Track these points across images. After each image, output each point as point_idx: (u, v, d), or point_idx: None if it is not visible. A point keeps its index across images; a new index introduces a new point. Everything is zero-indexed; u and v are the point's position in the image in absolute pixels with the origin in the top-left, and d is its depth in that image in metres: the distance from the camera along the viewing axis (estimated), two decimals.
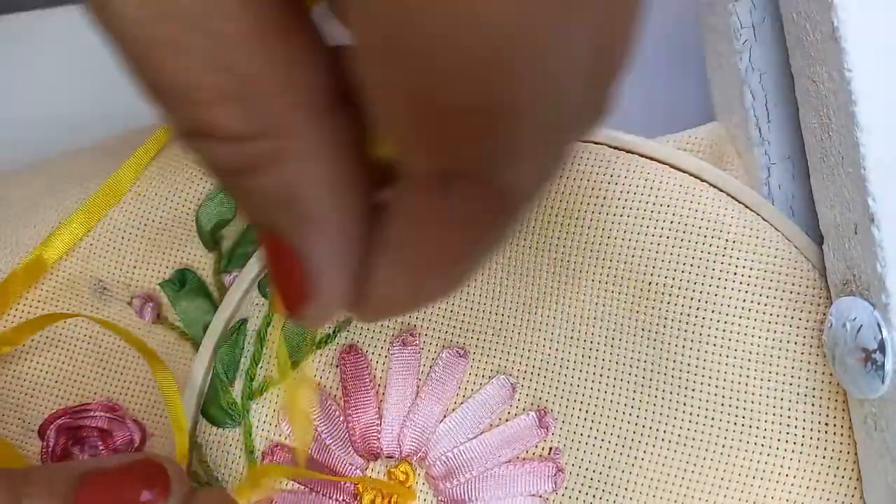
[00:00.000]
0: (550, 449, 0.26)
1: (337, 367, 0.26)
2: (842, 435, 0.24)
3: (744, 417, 0.24)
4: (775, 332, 0.24)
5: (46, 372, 0.28)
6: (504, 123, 0.14)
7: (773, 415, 0.24)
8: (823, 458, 0.24)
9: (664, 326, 0.25)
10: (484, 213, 0.16)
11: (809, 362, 0.24)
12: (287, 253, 0.17)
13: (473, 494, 0.25)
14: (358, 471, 0.26)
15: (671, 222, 0.25)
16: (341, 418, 0.26)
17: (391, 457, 0.26)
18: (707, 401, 0.24)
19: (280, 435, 0.26)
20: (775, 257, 0.24)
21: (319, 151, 0.16)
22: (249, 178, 0.16)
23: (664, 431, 0.25)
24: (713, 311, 0.24)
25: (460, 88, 0.13)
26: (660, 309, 0.25)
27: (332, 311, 0.18)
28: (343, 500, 0.26)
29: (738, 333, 0.24)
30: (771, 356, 0.24)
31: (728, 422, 0.24)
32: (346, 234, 0.17)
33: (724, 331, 0.24)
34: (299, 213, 0.16)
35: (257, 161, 0.16)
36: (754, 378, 0.24)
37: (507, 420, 0.26)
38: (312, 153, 0.16)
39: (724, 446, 0.24)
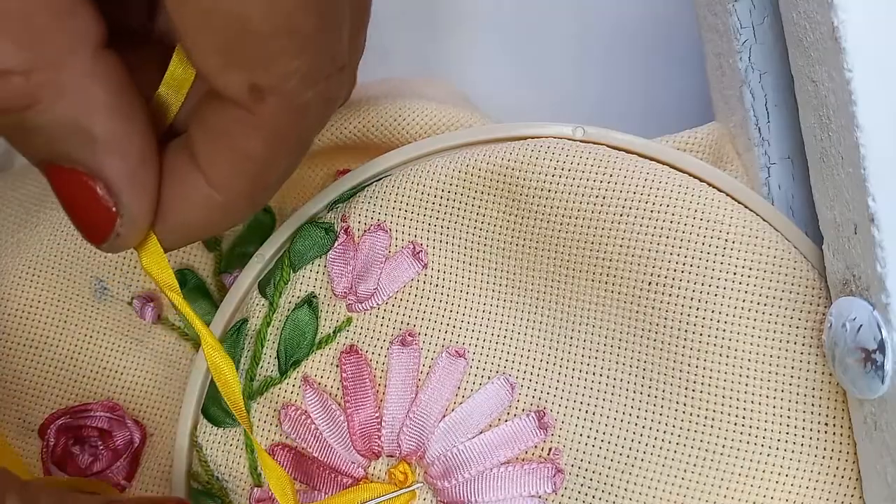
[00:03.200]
0: (550, 449, 0.26)
1: (337, 367, 0.26)
2: (842, 435, 0.24)
3: (743, 418, 0.24)
4: (775, 332, 0.24)
5: (47, 372, 0.28)
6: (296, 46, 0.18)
7: (773, 415, 0.24)
8: (823, 458, 0.24)
9: (664, 326, 0.25)
10: (284, 125, 0.20)
11: (809, 362, 0.24)
12: (82, 182, 0.20)
13: (472, 495, 0.25)
14: (360, 469, 0.26)
15: (671, 222, 0.25)
16: (342, 417, 0.26)
17: (392, 456, 0.26)
18: (707, 401, 0.24)
19: (280, 434, 0.26)
20: (775, 257, 0.24)
21: (97, 82, 0.19)
22: (35, 112, 0.19)
23: (664, 431, 0.25)
24: (713, 312, 0.24)
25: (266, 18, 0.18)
26: (659, 309, 0.25)
27: (139, 231, 0.21)
28: None
29: (738, 333, 0.24)
30: (771, 356, 0.24)
31: (728, 422, 0.24)
32: (136, 152, 0.20)
33: (723, 331, 0.24)
34: (87, 137, 0.19)
35: (39, 93, 0.19)
36: (754, 378, 0.24)
37: (506, 420, 0.26)
38: (91, 83, 0.19)
39: (723, 446, 0.24)
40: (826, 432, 0.24)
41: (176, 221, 0.21)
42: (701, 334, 0.24)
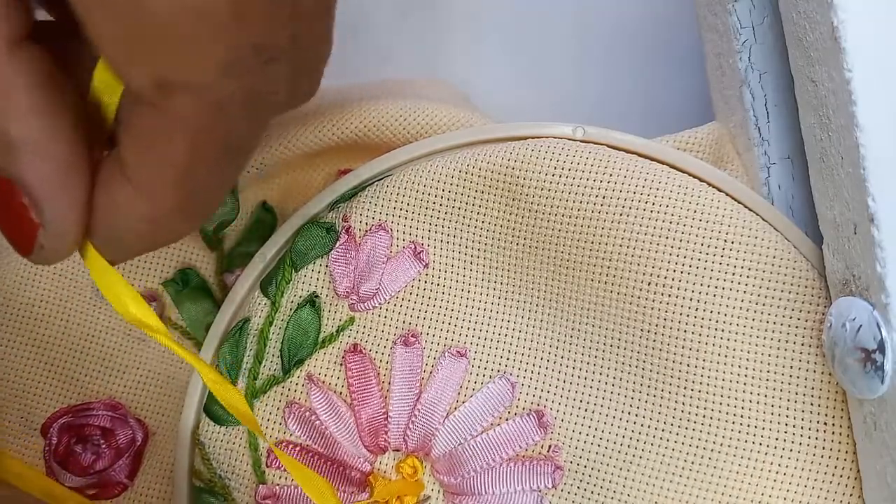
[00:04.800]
0: (550, 447, 0.26)
1: (341, 365, 0.26)
2: (841, 435, 0.24)
3: (742, 417, 0.24)
4: (774, 331, 0.24)
5: (49, 370, 0.28)
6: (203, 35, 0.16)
7: (773, 414, 0.24)
8: (822, 457, 0.24)
9: (663, 326, 0.25)
10: (204, 125, 0.17)
11: (808, 362, 0.24)
12: (4, 188, 0.18)
13: (476, 489, 0.26)
14: (367, 464, 0.26)
15: (670, 222, 0.25)
16: (349, 414, 0.26)
17: (398, 450, 0.26)
18: (706, 400, 0.25)
19: (285, 432, 0.26)
20: (774, 257, 0.24)
21: (16, 78, 0.17)
22: None
23: (662, 430, 0.25)
24: (712, 311, 0.24)
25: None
26: (659, 308, 0.25)
27: (65, 243, 0.19)
28: (351, 492, 0.26)
29: (738, 333, 0.24)
30: (769, 356, 0.24)
31: (727, 421, 0.24)
32: (59, 156, 0.18)
33: (723, 330, 0.24)
34: (4, 139, 0.17)
35: None
36: (753, 377, 0.24)
37: (507, 419, 0.26)
38: (8, 80, 0.17)
39: (721, 444, 0.24)
40: (825, 432, 0.24)
41: (108, 235, 0.19)
42: (700, 334, 0.24)
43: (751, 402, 0.24)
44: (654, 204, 0.25)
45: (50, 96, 0.18)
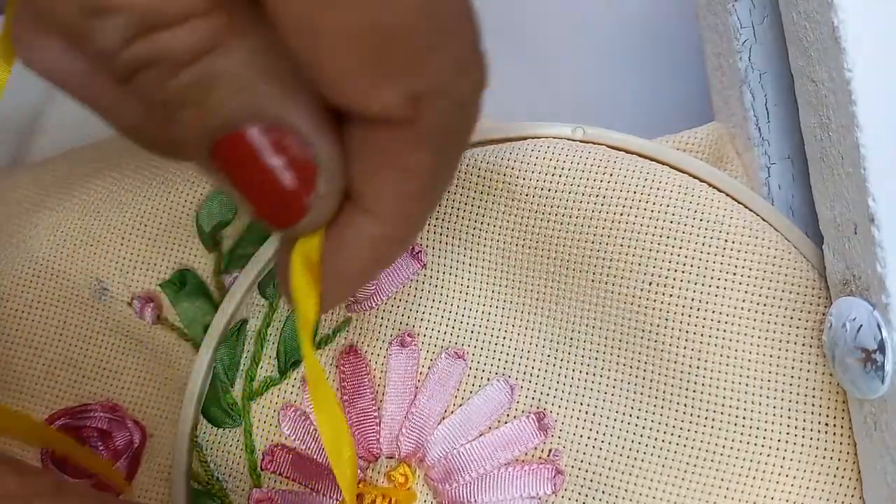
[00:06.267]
0: (550, 451, 0.26)
1: (336, 367, 0.26)
2: (842, 435, 0.24)
3: (743, 418, 0.24)
4: (775, 332, 0.24)
5: (46, 372, 0.28)
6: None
7: (773, 415, 0.24)
8: (823, 458, 0.24)
9: (664, 327, 0.25)
10: (447, 126, 0.17)
11: (809, 362, 0.24)
12: (264, 147, 0.17)
13: (472, 497, 0.25)
14: (359, 471, 0.26)
15: (671, 223, 0.25)
16: None
17: (391, 457, 0.26)
18: (707, 401, 0.24)
19: (280, 435, 0.26)
20: (775, 257, 0.24)
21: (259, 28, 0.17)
22: (219, 55, 0.16)
23: (664, 432, 0.25)
24: (712, 312, 0.24)
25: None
26: (659, 309, 0.25)
27: (338, 189, 0.18)
28: (342, 499, 0.26)
29: (738, 334, 0.24)
30: (770, 356, 0.24)
31: (728, 422, 0.24)
32: (312, 100, 0.17)
33: (723, 331, 0.24)
34: (276, 80, 0.17)
35: (216, 36, 0.16)
36: (754, 378, 0.24)
37: (506, 422, 0.26)
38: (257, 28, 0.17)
39: (723, 446, 0.24)
40: (826, 432, 0.24)
41: (348, 272, 0.19)
42: (701, 334, 0.24)
43: (751, 402, 0.24)
44: (654, 204, 0.25)
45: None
